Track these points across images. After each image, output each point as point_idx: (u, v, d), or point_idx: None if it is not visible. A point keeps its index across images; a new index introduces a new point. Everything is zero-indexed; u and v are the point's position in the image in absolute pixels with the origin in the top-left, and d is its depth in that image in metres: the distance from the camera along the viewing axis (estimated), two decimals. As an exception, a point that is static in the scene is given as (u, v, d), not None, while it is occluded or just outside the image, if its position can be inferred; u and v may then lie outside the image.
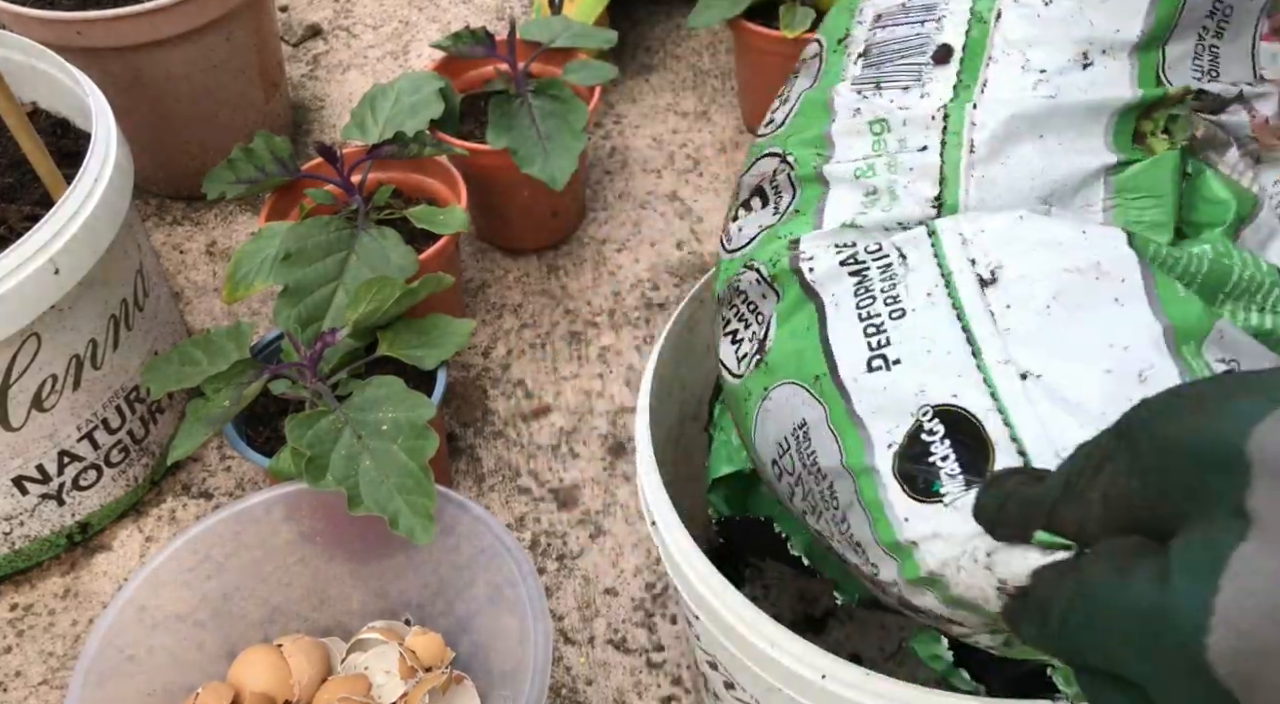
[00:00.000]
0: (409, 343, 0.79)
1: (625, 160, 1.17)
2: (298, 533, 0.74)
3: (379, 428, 0.70)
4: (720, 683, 0.62)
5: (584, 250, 1.09)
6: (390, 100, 0.95)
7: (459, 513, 0.70)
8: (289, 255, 0.80)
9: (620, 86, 1.26)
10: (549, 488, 0.90)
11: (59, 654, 0.82)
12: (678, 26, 1.34)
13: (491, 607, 0.70)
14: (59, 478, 0.83)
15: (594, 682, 0.79)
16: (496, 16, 1.37)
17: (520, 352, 1.00)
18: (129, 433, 0.87)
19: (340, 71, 1.30)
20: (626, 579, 0.84)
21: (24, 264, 0.72)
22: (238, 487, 0.92)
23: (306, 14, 1.38)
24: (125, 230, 0.82)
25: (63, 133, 0.91)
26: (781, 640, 0.53)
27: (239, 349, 0.77)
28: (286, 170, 0.90)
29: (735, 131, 1.20)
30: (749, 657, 0.54)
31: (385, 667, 0.72)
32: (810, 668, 0.52)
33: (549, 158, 0.94)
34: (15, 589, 0.86)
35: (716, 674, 0.61)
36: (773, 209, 0.56)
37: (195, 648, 0.71)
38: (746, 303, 0.56)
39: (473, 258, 1.09)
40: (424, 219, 0.87)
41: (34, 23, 0.96)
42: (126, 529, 0.89)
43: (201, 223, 1.13)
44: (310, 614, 0.76)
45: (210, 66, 1.05)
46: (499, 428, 0.94)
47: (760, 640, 0.53)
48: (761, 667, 0.54)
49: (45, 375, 0.78)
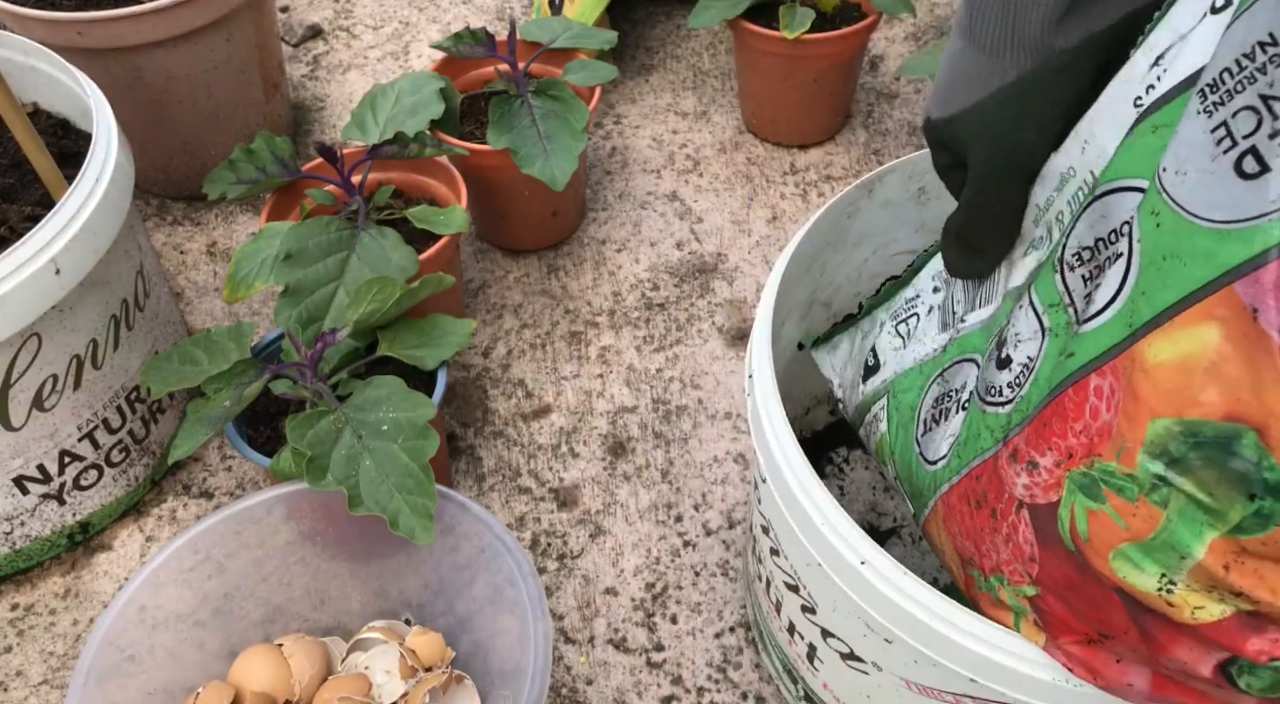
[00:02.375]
0: (409, 343, 0.79)
1: (625, 160, 1.17)
2: (298, 533, 0.74)
3: (379, 428, 0.71)
4: (768, 548, 0.65)
5: (584, 250, 1.09)
6: (390, 100, 0.95)
7: (459, 513, 0.70)
8: (289, 255, 0.80)
9: (620, 87, 1.26)
10: (549, 488, 0.90)
11: (59, 654, 0.82)
12: (678, 27, 1.34)
13: (491, 607, 0.70)
14: (60, 478, 0.83)
15: (594, 682, 0.79)
16: (496, 17, 1.37)
17: (520, 351, 1.00)
18: (130, 433, 0.87)
19: (340, 72, 1.30)
20: (626, 579, 0.85)
21: (25, 264, 0.72)
22: (238, 486, 0.92)
23: (307, 14, 1.38)
24: (126, 231, 0.82)
25: (63, 133, 0.91)
26: (834, 517, 0.55)
27: (239, 349, 0.77)
28: (287, 171, 0.90)
29: (735, 131, 1.20)
30: (800, 526, 0.56)
31: (385, 666, 0.72)
32: (852, 551, 0.54)
33: (549, 158, 0.94)
34: (16, 589, 0.86)
35: (766, 539, 0.64)
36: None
37: (196, 647, 0.71)
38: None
39: (473, 258, 1.09)
40: (424, 219, 0.87)
41: (35, 23, 0.96)
42: (127, 529, 0.89)
43: (202, 223, 1.13)
44: (311, 614, 0.76)
45: (211, 67, 1.05)
46: (499, 428, 0.95)
47: (815, 512, 0.55)
48: (809, 538, 0.56)
49: (46, 375, 0.78)
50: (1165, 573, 0.42)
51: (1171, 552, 0.41)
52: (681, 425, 0.94)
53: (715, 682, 0.79)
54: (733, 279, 1.05)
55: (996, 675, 0.51)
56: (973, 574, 0.54)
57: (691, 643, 0.81)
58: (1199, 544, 0.40)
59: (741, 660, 0.80)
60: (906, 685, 0.59)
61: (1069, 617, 0.48)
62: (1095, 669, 0.48)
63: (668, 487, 0.90)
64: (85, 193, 0.76)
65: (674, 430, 0.94)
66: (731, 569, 0.85)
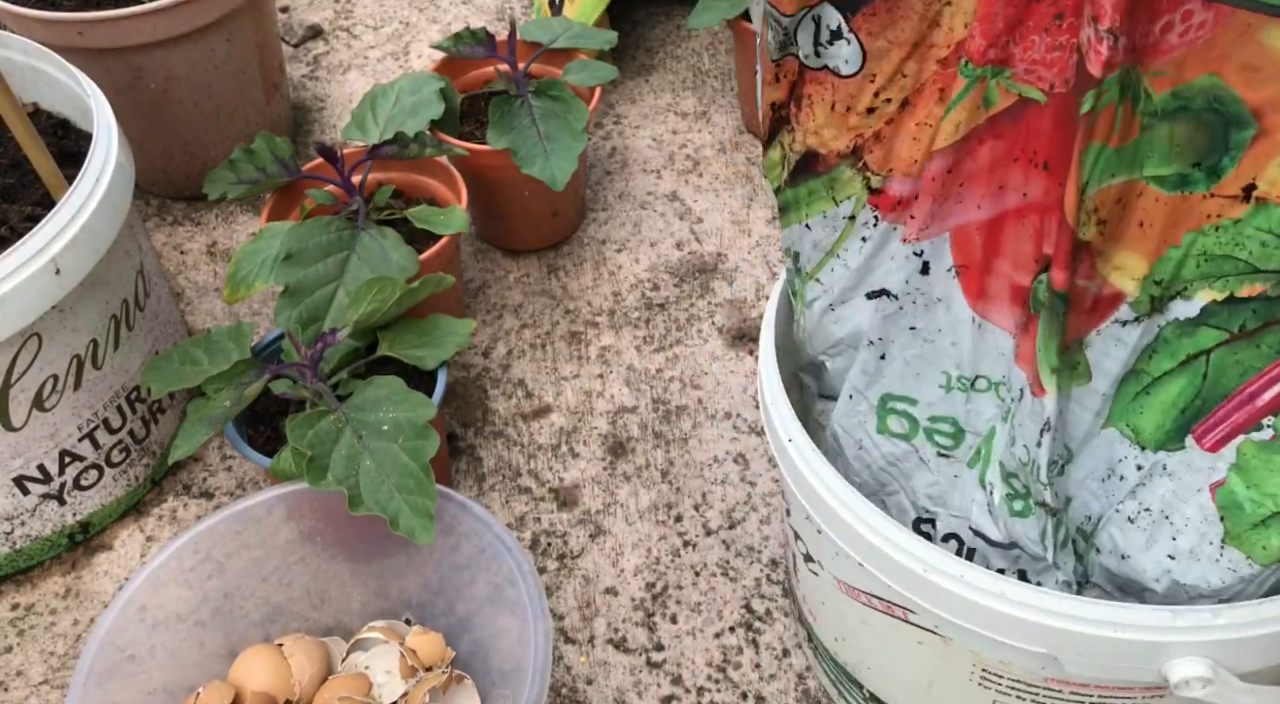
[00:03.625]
0: (409, 343, 0.79)
1: (625, 160, 1.17)
2: (298, 533, 0.74)
3: (379, 428, 0.71)
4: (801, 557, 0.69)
5: (584, 250, 1.09)
6: (391, 101, 0.95)
7: (459, 513, 0.70)
8: (290, 256, 0.80)
9: (620, 87, 1.26)
10: (549, 488, 0.91)
11: (60, 654, 0.82)
12: (678, 27, 1.34)
13: (491, 606, 0.70)
14: (60, 478, 0.83)
15: (594, 681, 0.79)
16: (497, 17, 1.37)
17: (520, 352, 1.00)
18: (130, 433, 0.87)
19: (341, 72, 1.30)
20: (626, 579, 0.85)
21: (25, 264, 0.72)
22: (238, 486, 0.92)
23: (307, 15, 1.38)
24: (126, 231, 0.82)
25: (63, 133, 0.91)
26: (852, 502, 0.57)
27: (240, 349, 0.77)
28: (287, 171, 0.90)
29: (735, 132, 1.20)
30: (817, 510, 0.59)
31: (386, 666, 0.72)
32: (867, 525, 0.56)
33: (549, 158, 0.94)
34: (16, 589, 0.86)
35: (799, 544, 0.67)
36: None
37: (196, 647, 0.71)
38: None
39: (473, 258, 1.09)
40: (424, 219, 0.87)
41: (35, 23, 0.96)
42: (127, 529, 0.89)
43: (202, 223, 1.13)
44: (311, 614, 0.76)
45: (211, 67, 1.05)
46: (499, 428, 0.95)
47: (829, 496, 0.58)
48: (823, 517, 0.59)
49: (46, 375, 0.78)
50: None
51: None
52: (681, 425, 0.94)
53: (715, 682, 0.79)
54: (733, 279, 1.05)
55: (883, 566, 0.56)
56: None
57: (691, 643, 0.81)
58: None
59: (741, 660, 0.80)
60: (838, 585, 0.62)
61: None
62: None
63: (668, 487, 0.90)
64: (85, 193, 0.76)
65: (674, 430, 0.94)
66: (732, 569, 0.85)
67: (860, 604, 0.62)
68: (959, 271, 0.57)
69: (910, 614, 0.58)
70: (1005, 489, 0.58)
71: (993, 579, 0.53)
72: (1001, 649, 0.55)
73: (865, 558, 0.57)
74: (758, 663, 0.80)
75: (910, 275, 0.58)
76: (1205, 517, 0.54)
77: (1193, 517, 0.54)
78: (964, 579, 0.53)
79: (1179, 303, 0.51)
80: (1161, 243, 0.50)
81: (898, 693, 0.68)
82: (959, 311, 0.58)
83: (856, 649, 0.68)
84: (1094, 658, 0.52)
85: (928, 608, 0.55)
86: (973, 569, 0.53)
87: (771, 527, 0.87)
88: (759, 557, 0.85)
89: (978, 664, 0.58)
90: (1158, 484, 0.55)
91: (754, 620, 0.82)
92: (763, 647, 0.80)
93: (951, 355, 0.59)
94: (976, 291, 0.57)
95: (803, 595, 0.72)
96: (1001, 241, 0.54)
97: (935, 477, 0.63)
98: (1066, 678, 0.55)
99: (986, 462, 0.60)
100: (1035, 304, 0.53)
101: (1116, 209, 0.49)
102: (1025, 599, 0.52)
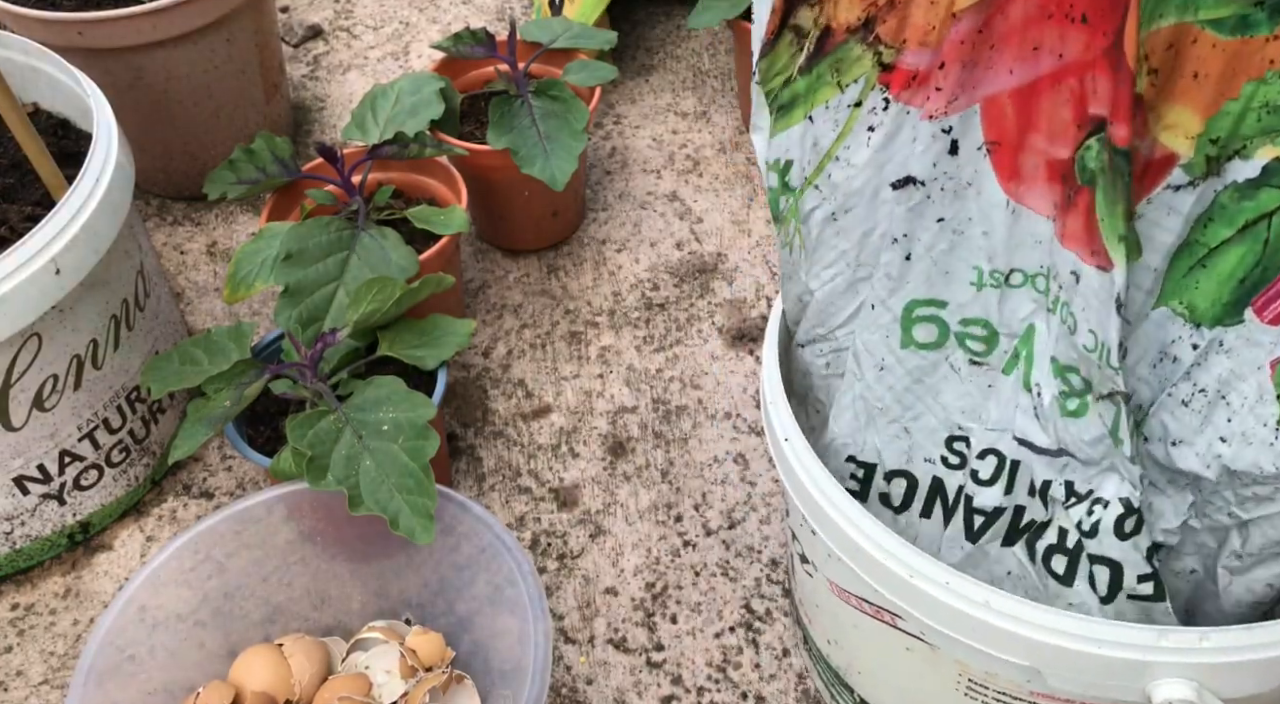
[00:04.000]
0: (409, 343, 0.79)
1: (625, 160, 1.18)
2: (298, 533, 0.74)
3: (379, 428, 0.71)
4: (798, 557, 0.68)
5: (584, 250, 1.09)
6: (391, 101, 0.95)
7: (459, 513, 0.70)
8: (290, 256, 0.80)
9: (620, 87, 1.26)
10: (549, 488, 0.91)
11: (60, 654, 0.82)
12: (678, 27, 1.34)
13: (491, 606, 0.70)
14: (60, 478, 0.83)
15: (594, 681, 0.79)
16: (497, 17, 1.37)
17: (520, 352, 1.00)
18: (130, 433, 0.87)
19: (341, 72, 1.30)
20: (626, 579, 0.85)
21: (25, 264, 0.72)
22: (238, 486, 0.92)
23: (307, 15, 1.38)
24: (126, 231, 0.82)
25: (63, 133, 0.91)
26: (842, 503, 0.57)
27: (240, 349, 0.77)
28: (287, 171, 0.90)
29: (735, 132, 1.20)
30: (812, 515, 0.59)
31: (386, 666, 0.72)
32: (855, 527, 0.56)
33: (549, 158, 0.94)
34: (16, 589, 0.86)
35: (796, 544, 0.66)
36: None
37: (196, 647, 0.71)
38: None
39: (473, 258, 1.09)
40: (424, 219, 0.87)
41: (35, 23, 0.96)
42: (127, 529, 0.89)
43: (202, 223, 1.13)
44: (311, 614, 0.76)
45: (211, 67, 1.05)
46: (499, 428, 0.95)
47: (825, 501, 0.58)
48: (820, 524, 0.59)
49: (46, 375, 0.78)
50: None
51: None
52: (681, 425, 0.94)
53: (715, 682, 0.79)
54: (733, 279, 1.05)
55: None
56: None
57: (691, 643, 0.81)
58: None
59: (741, 660, 0.80)
60: (830, 587, 0.62)
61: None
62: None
63: (668, 487, 0.90)
64: (85, 193, 0.76)
65: (674, 430, 0.94)
66: (732, 569, 0.85)
67: (852, 607, 0.61)
68: (990, 149, 0.52)
69: (898, 619, 0.58)
70: (1060, 386, 0.54)
71: (978, 588, 0.52)
72: (986, 659, 0.54)
73: (853, 560, 0.56)
74: (758, 663, 0.80)
75: (938, 157, 0.53)
76: (1262, 396, 0.49)
77: (1249, 395, 0.50)
78: (949, 586, 0.53)
79: (1237, 163, 0.47)
80: (1218, 95, 0.45)
81: (886, 699, 0.68)
82: (991, 195, 0.53)
83: (848, 653, 0.68)
84: (1077, 674, 0.52)
85: (913, 613, 0.55)
86: (958, 576, 0.53)
87: (771, 527, 0.87)
88: (759, 557, 0.85)
89: (964, 674, 0.58)
90: (1214, 363, 0.51)
91: (754, 620, 0.82)
92: (763, 647, 0.80)
93: (983, 247, 0.55)
94: (1010, 171, 0.52)
95: (800, 597, 0.72)
96: (1037, 111, 0.50)
97: (967, 386, 0.59)
98: (1051, 693, 0.54)
99: (1030, 362, 0.56)
100: (1083, 175, 0.48)
101: (1168, 56, 0.45)
102: (1009, 610, 0.52)
